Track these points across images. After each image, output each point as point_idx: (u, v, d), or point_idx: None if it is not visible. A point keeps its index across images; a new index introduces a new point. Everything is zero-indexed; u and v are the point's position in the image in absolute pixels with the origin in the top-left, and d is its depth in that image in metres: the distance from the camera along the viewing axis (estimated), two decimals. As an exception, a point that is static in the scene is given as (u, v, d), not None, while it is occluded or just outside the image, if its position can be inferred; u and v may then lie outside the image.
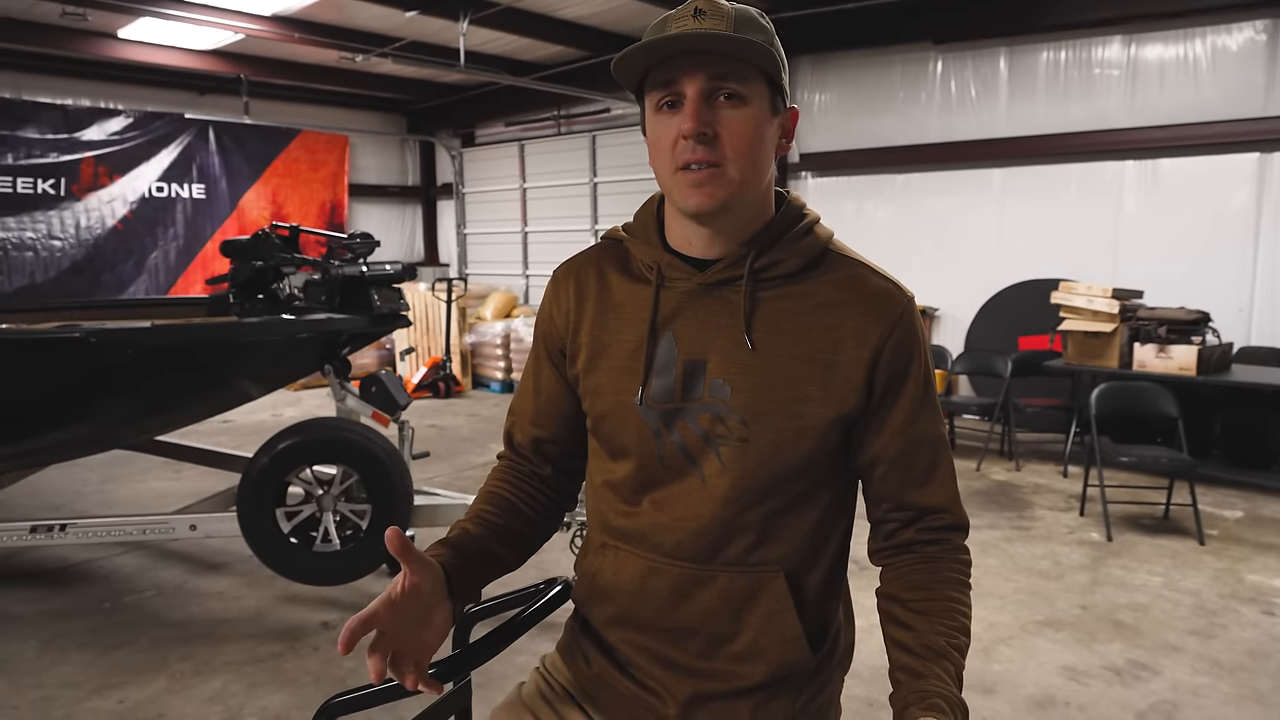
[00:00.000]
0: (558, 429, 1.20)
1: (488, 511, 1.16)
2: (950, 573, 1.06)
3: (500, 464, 1.26)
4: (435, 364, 8.33)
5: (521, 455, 1.24)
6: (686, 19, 0.98)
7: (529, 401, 1.22)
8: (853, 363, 1.02)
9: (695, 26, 0.96)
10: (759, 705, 1.07)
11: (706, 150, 0.98)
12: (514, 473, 1.23)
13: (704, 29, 0.96)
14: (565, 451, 1.22)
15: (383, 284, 3.70)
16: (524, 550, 1.19)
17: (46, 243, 8.31)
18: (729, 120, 0.98)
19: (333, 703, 1.06)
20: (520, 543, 1.18)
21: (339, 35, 7.52)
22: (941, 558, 1.07)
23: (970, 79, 6.70)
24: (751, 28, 0.99)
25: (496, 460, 1.27)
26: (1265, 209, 5.57)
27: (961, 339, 6.80)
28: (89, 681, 2.81)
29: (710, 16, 0.97)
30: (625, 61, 0.99)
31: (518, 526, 1.17)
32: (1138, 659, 2.98)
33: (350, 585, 3.48)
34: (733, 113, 0.98)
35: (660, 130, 1.01)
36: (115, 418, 3.51)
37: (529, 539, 1.20)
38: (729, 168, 0.99)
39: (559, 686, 1.20)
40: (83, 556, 3.93)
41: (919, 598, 1.03)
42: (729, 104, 0.98)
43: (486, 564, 1.11)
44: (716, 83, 0.97)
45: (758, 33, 0.99)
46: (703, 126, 0.97)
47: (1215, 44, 5.65)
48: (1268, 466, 5.22)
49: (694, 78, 0.97)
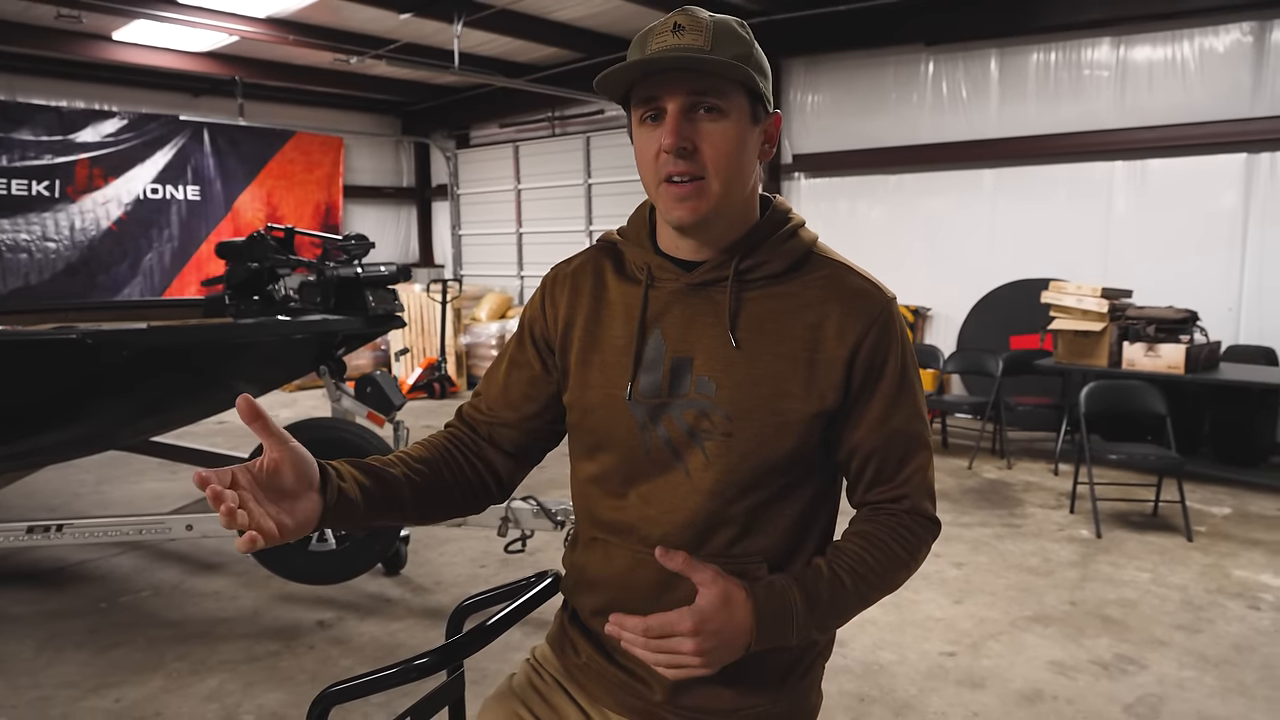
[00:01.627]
0: (517, 415, 1.21)
1: (409, 456, 1.15)
2: (883, 532, 1.10)
3: (443, 430, 1.25)
4: (430, 365, 8.35)
5: (470, 426, 1.24)
6: (666, 34, 1.01)
7: (497, 382, 1.23)
8: (832, 360, 1.06)
9: (674, 43, 1.00)
10: (743, 690, 1.11)
11: (687, 164, 1.01)
12: (452, 440, 1.22)
13: (682, 44, 1.00)
14: (517, 440, 1.22)
15: (378, 285, 3.72)
16: (426, 510, 1.16)
17: (41, 245, 8.32)
18: (709, 133, 1.02)
19: (328, 692, 1.08)
20: (425, 500, 1.14)
21: (333, 37, 7.54)
22: (887, 522, 1.11)
23: (961, 80, 6.74)
24: (730, 41, 1.02)
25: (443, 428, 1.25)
26: (1253, 209, 5.62)
27: (954, 338, 6.84)
28: (86, 681, 2.83)
29: (689, 31, 1.00)
30: (607, 81, 1.03)
31: (432, 483, 1.15)
32: (1125, 653, 3.02)
33: (346, 584, 3.50)
34: (712, 126, 1.02)
35: (644, 142, 1.05)
36: (111, 419, 3.53)
37: (437, 502, 1.17)
38: (710, 181, 1.02)
39: (549, 677, 1.23)
40: (79, 557, 3.94)
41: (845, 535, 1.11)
42: (708, 117, 1.02)
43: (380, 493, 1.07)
44: (696, 98, 1.01)
45: (736, 45, 1.02)
46: (682, 141, 1.01)
47: (1203, 46, 5.71)
48: (1255, 464, 5.27)
49: (674, 93, 1.01)
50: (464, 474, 1.20)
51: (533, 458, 1.26)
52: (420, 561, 3.89)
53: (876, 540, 1.08)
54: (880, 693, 2.75)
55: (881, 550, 1.08)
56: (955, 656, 2.99)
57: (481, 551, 4.00)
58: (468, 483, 1.20)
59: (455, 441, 1.22)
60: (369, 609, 3.39)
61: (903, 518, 1.10)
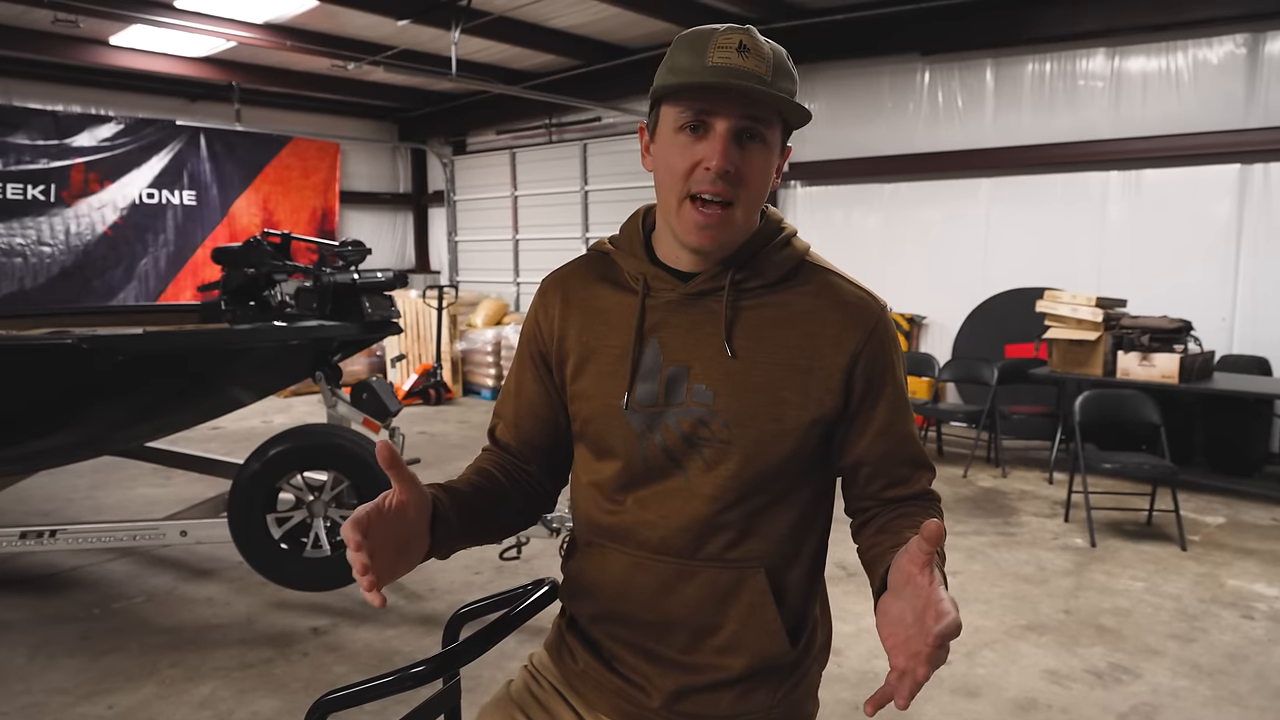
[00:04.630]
0: (537, 433, 1.23)
1: (479, 480, 1.18)
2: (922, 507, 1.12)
3: (486, 452, 1.27)
4: (426, 371, 8.34)
5: (504, 449, 1.26)
6: (730, 52, 0.99)
7: (510, 405, 1.25)
8: (830, 368, 1.07)
9: (739, 63, 0.98)
10: (740, 696, 1.11)
11: (726, 187, 1.01)
12: (499, 459, 1.25)
13: (748, 69, 0.98)
14: (545, 453, 1.25)
15: (374, 291, 3.72)
16: (503, 528, 1.20)
17: (36, 249, 8.30)
18: (753, 161, 1.02)
19: (324, 700, 1.08)
20: (501, 519, 1.19)
21: (331, 43, 7.55)
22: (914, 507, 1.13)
23: (957, 90, 6.78)
24: (784, 75, 1.03)
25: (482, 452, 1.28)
26: (1246, 219, 5.65)
27: (949, 347, 6.86)
28: (79, 688, 2.81)
29: (753, 55, 0.99)
30: (668, 82, 1.01)
31: (503, 503, 1.19)
32: (1119, 662, 3.02)
33: (340, 591, 3.49)
34: (756, 154, 1.03)
35: (678, 151, 1.03)
36: (106, 424, 3.51)
37: (509, 519, 1.21)
38: (738, 209, 1.03)
39: (547, 683, 1.23)
40: (72, 563, 3.92)
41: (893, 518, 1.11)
42: (754, 145, 1.02)
43: (471, 522, 1.11)
44: (749, 123, 1.01)
45: (789, 81, 1.03)
46: (729, 165, 1.00)
47: (1197, 57, 5.75)
48: (1249, 473, 5.28)
49: (730, 114, 1.00)
50: (521, 487, 1.22)
51: (570, 462, 1.28)
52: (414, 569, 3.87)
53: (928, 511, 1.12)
54: (875, 701, 2.75)
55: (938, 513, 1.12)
56: (950, 665, 2.99)
57: (476, 558, 3.99)
58: (525, 494, 1.23)
59: (500, 459, 1.24)
60: (363, 615, 3.38)
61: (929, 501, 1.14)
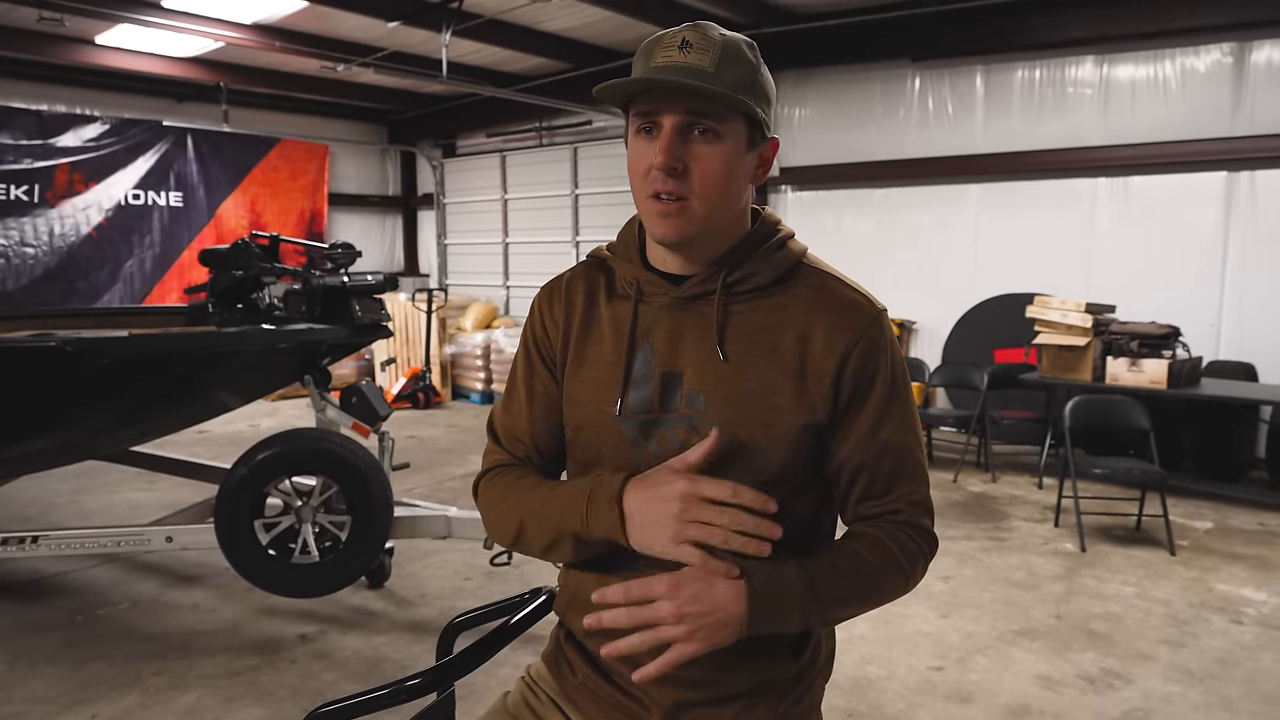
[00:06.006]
0: (555, 434, 1.19)
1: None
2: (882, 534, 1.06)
3: (512, 467, 1.20)
4: (415, 375, 8.30)
5: (516, 459, 1.21)
6: (673, 50, 0.99)
7: (523, 411, 1.19)
8: (820, 372, 1.05)
9: (679, 60, 0.98)
10: (741, 712, 1.09)
11: (675, 184, 1.00)
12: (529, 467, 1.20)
13: (687, 63, 0.98)
14: (561, 455, 1.21)
15: (364, 294, 3.69)
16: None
17: (19, 250, 8.20)
18: (701, 155, 1.00)
19: (318, 713, 1.06)
20: None
21: (321, 45, 7.51)
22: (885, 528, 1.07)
23: (947, 96, 6.81)
24: (736, 64, 1.00)
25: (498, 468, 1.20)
26: (1233, 226, 5.70)
27: (939, 352, 6.88)
28: (61, 696, 2.76)
29: (695, 50, 0.98)
30: (607, 91, 1.01)
31: None
32: (1110, 667, 3.02)
33: (328, 598, 3.45)
34: (706, 148, 1.00)
35: (637, 154, 1.04)
36: (90, 428, 3.47)
37: None
38: (694, 203, 1.01)
39: (544, 695, 1.21)
40: (55, 569, 3.87)
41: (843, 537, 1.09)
42: (703, 139, 1.00)
43: None
44: (693, 118, 1.00)
45: (742, 68, 1.01)
46: (673, 161, 0.99)
47: (1184, 65, 5.79)
48: (1236, 478, 5.32)
49: (671, 111, 1.00)
50: None
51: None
52: (404, 574, 3.84)
53: (875, 540, 1.05)
54: (869, 708, 2.74)
55: (881, 550, 1.04)
56: (943, 671, 2.99)
57: (466, 564, 3.96)
58: None
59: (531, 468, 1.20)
60: (352, 622, 3.34)
61: (903, 527, 1.07)
